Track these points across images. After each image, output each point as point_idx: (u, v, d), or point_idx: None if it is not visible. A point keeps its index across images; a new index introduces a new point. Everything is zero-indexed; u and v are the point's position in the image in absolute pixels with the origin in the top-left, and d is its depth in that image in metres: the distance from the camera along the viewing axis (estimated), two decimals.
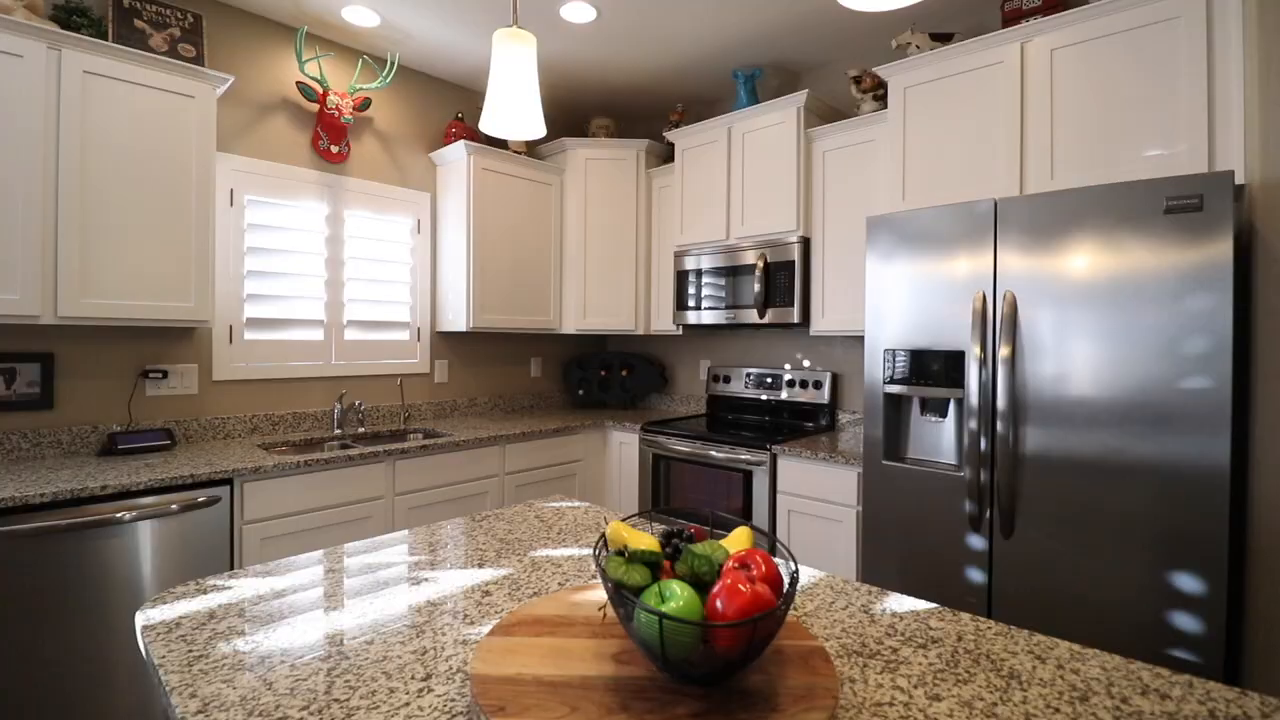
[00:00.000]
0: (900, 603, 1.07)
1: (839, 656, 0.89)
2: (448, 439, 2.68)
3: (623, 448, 3.26)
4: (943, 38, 2.51)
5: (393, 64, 2.91)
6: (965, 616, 1.02)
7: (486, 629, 0.95)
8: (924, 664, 0.87)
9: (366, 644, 0.91)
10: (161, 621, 0.98)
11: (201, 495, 2.06)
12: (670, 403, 3.88)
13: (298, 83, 2.73)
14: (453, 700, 0.77)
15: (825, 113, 2.95)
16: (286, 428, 2.80)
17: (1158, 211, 1.61)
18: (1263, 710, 0.77)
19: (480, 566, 1.22)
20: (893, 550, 2.07)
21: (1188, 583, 1.59)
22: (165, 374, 2.47)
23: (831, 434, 2.87)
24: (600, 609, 0.90)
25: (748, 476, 2.66)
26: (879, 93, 2.75)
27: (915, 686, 0.81)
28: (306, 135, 2.86)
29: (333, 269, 2.93)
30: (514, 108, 1.09)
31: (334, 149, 2.91)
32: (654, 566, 0.75)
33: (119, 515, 1.92)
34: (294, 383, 2.83)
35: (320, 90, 2.81)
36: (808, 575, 1.19)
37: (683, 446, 2.91)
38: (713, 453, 2.78)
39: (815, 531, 2.46)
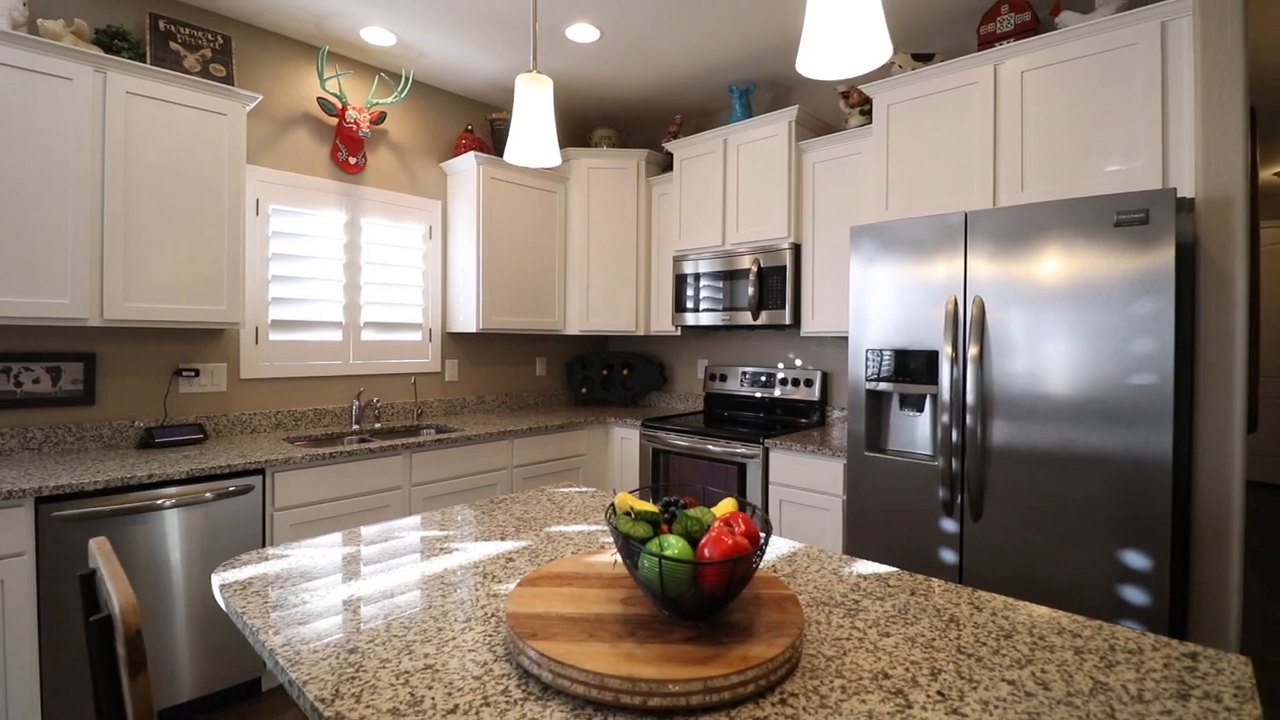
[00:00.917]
0: (866, 567, 1.24)
1: (809, 606, 1.06)
2: (459, 434, 2.85)
3: (624, 443, 3.43)
4: (924, 58, 2.68)
5: (407, 80, 3.08)
6: (920, 577, 1.19)
7: (513, 585, 1.13)
8: (879, 611, 1.04)
9: (414, 597, 1.08)
10: (235, 581, 1.15)
11: (234, 484, 2.23)
12: (670, 400, 4.05)
13: (318, 98, 2.91)
14: (490, 635, 0.94)
15: (815, 126, 3.12)
16: (308, 423, 2.97)
17: (1109, 224, 1.79)
18: (1154, 645, 0.94)
19: (502, 539, 1.40)
20: (875, 534, 2.24)
21: (1136, 560, 1.76)
22: (197, 372, 2.64)
23: (822, 429, 3.05)
24: (613, 561, 1.07)
25: (742, 469, 2.83)
26: (865, 107, 2.92)
27: (870, 627, 0.98)
28: (326, 147, 3.03)
29: (350, 273, 3.10)
30: (534, 141, 1.26)
31: (351, 160, 3.08)
32: (655, 524, 0.92)
33: (160, 502, 2.09)
34: (315, 381, 3.00)
35: (339, 105, 2.98)
36: (789, 546, 1.36)
37: (681, 441, 3.08)
38: (709, 447, 2.96)
39: (804, 519, 2.63)
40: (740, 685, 0.77)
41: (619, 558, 1.10)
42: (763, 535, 0.89)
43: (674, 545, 0.85)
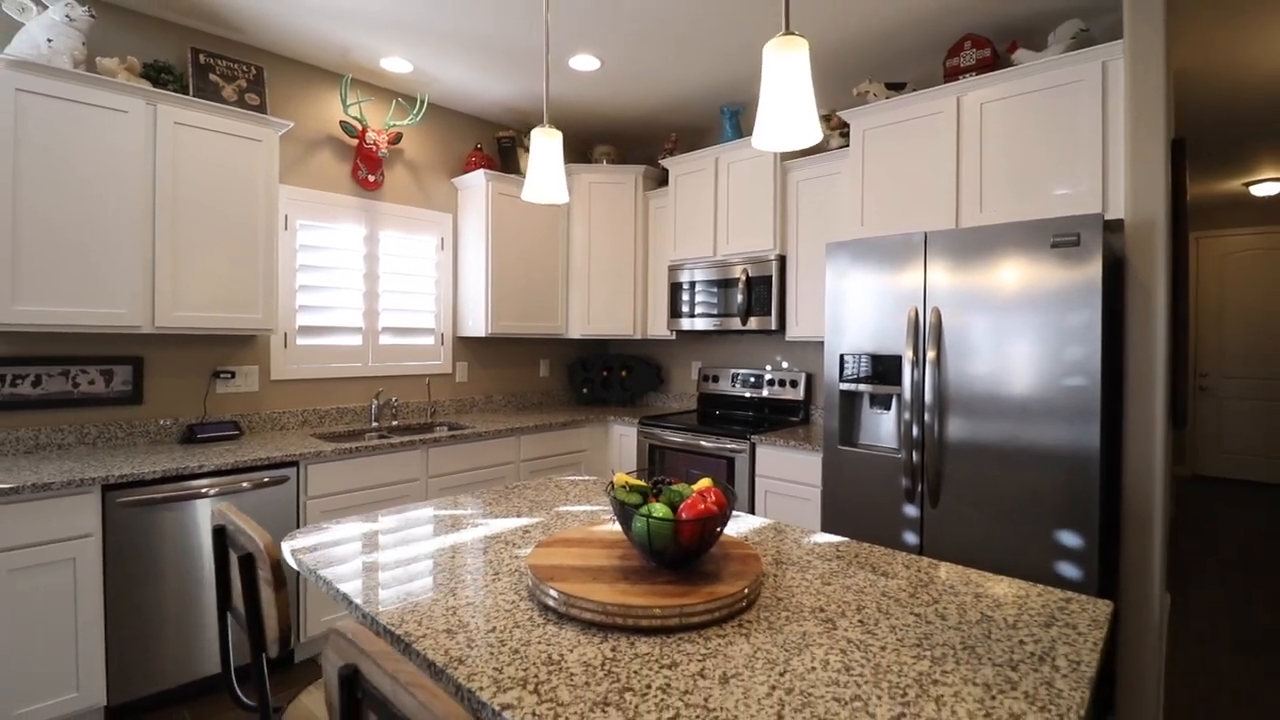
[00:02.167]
0: (821, 537, 1.49)
1: (769, 564, 1.31)
2: (471, 431, 3.10)
3: (623, 439, 3.68)
4: (896, 87, 2.93)
5: (422, 104, 3.33)
6: (866, 545, 1.44)
7: (530, 549, 1.38)
8: (826, 568, 1.29)
9: (449, 558, 1.33)
10: (302, 546, 1.40)
11: (271, 475, 2.48)
12: (665, 400, 4.30)
13: (341, 121, 3.16)
14: (515, 583, 1.19)
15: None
16: (331, 421, 3.22)
17: (1047, 245, 2.04)
18: (1040, 594, 1.19)
19: (518, 517, 1.65)
20: (848, 520, 2.49)
21: (1070, 539, 2.01)
22: (233, 374, 2.89)
23: (806, 426, 3.30)
24: (612, 522, 1.32)
25: (731, 462, 3.08)
26: (844, 130, 3.17)
27: (816, 579, 1.24)
28: (347, 166, 3.28)
29: (369, 282, 3.35)
30: (546, 184, 1.51)
31: (370, 178, 3.33)
32: (645, 495, 1.17)
33: (204, 490, 2.34)
34: (337, 382, 3.25)
35: (360, 128, 3.22)
36: (761, 522, 1.61)
37: (676, 438, 3.33)
38: (701, 442, 3.21)
39: (787, 508, 2.88)
40: (707, 613, 1.02)
41: (617, 525, 1.35)
42: (729, 504, 1.14)
43: (659, 510, 1.10)
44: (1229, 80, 3.24)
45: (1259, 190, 5.32)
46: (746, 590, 1.07)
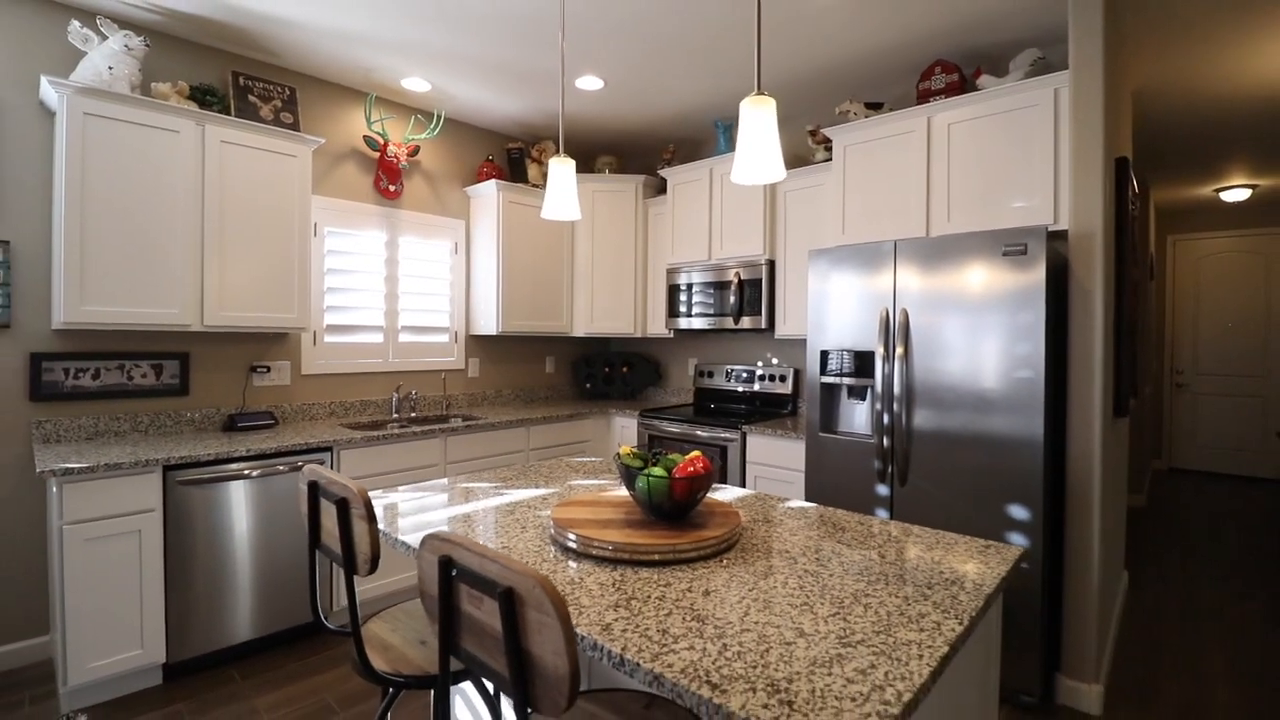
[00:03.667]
0: (794, 503, 1.76)
1: (748, 521, 1.59)
2: (484, 421, 3.38)
3: (624, 430, 3.96)
4: (875, 106, 3.20)
5: (439, 119, 3.60)
6: (831, 508, 1.71)
7: (549, 511, 1.65)
8: (794, 524, 1.57)
9: (483, 516, 1.61)
10: None
11: (306, 459, 2.75)
12: (664, 394, 4.58)
13: (364, 136, 3.43)
14: (540, 534, 1.47)
15: (788, 159, 3.64)
16: (355, 412, 3.49)
17: (999, 253, 2.31)
18: (966, 542, 1.46)
19: (537, 488, 1.92)
20: (826, 498, 2.76)
21: (1019, 513, 2.28)
22: (268, 369, 3.16)
23: (794, 418, 3.57)
24: (617, 488, 1.59)
25: (724, 450, 3.35)
26: (828, 145, 3.45)
27: (785, 532, 1.51)
28: (370, 177, 3.55)
29: (390, 284, 3.62)
30: (561, 203, 1.79)
31: (391, 188, 3.60)
32: (645, 462, 1.44)
33: (246, 471, 2.61)
34: (361, 376, 3.52)
35: (382, 141, 3.49)
36: (744, 492, 1.89)
37: (673, 428, 3.60)
38: (697, 432, 3.48)
39: (774, 490, 3.16)
40: (694, 550, 1.29)
41: (622, 491, 1.62)
42: (713, 470, 1.41)
43: (656, 472, 1.37)
44: (1190, 96, 3.51)
45: (1228, 196, 5.59)
46: (726, 535, 1.34)
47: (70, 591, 2.19)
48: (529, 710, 0.80)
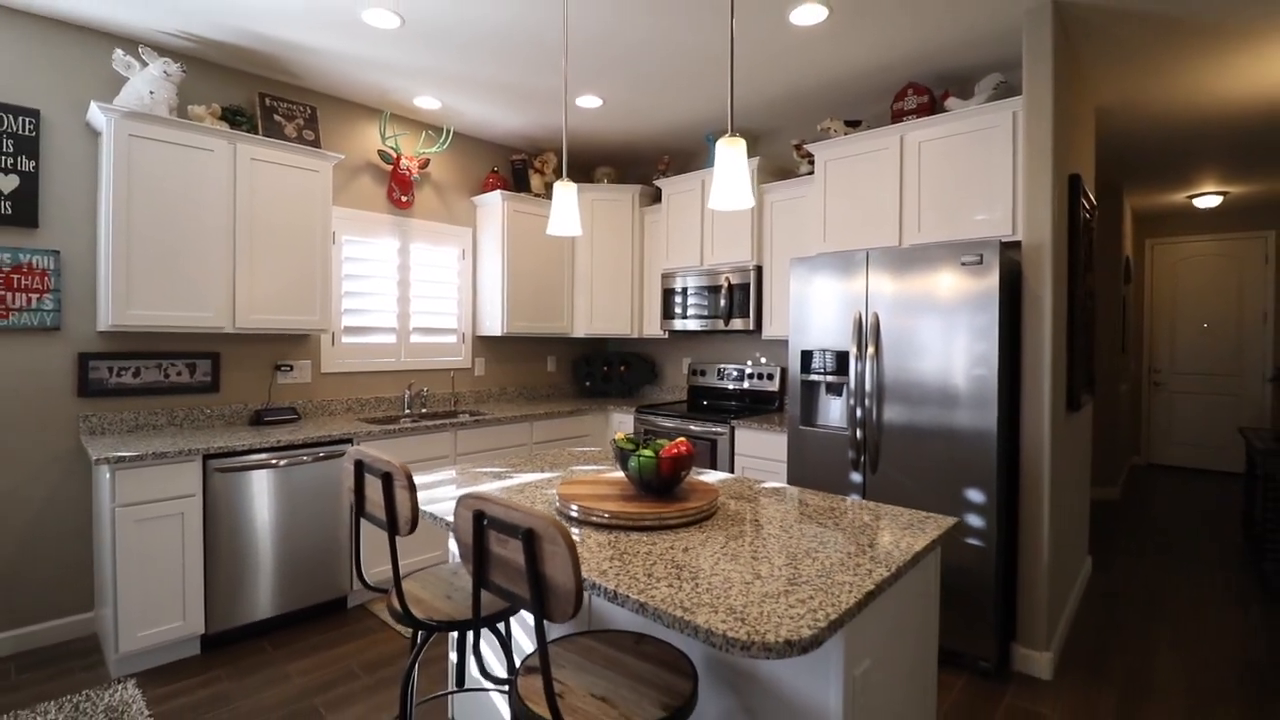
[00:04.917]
0: (770, 483, 2.01)
1: (726, 497, 1.83)
2: (490, 417, 3.62)
3: (621, 425, 4.20)
4: (854, 124, 3.45)
5: (448, 134, 3.85)
6: (799, 488, 1.96)
7: (554, 490, 1.90)
8: (766, 501, 1.82)
9: (501, 495, 1.85)
10: None
11: (328, 450, 3.00)
12: (659, 392, 4.83)
13: (378, 150, 3.67)
14: (548, 508, 1.71)
15: (774, 171, 3.89)
16: (371, 408, 3.74)
17: (959, 262, 2.56)
18: (909, 514, 1.71)
19: (543, 472, 2.17)
20: (806, 485, 3.01)
21: (976, 498, 2.53)
22: (291, 368, 3.41)
23: (780, 413, 3.82)
24: (613, 470, 1.84)
25: (714, 443, 3.60)
26: (811, 159, 3.69)
27: (759, 507, 1.76)
28: (383, 189, 3.80)
29: (402, 289, 3.87)
30: (565, 220, 2.04)
31: (403, 198, 3.84)
32: (637, 445, 1.69)
33: (274, 461, 2.85)
34: (376, 375, 3.77)
35: (395, 155, 3.74)
36: (727, 475, 2.14)
37: (668, 423, 3.85)
38: (690, 427, 3.73)
39: (760, 478, 3.40)
40: (678, 518, 1.54)
41: (618, 473, 1.87)
42: (694, 453, 1.66)
43: (647, 453, 1.62)
44: (1152, 112, 3.76)
45: (1201, 203, 5.85)
46: (705, 506, 1.59)
47: (122, 567, 2.44)
48: (544, 620, 1.05)
